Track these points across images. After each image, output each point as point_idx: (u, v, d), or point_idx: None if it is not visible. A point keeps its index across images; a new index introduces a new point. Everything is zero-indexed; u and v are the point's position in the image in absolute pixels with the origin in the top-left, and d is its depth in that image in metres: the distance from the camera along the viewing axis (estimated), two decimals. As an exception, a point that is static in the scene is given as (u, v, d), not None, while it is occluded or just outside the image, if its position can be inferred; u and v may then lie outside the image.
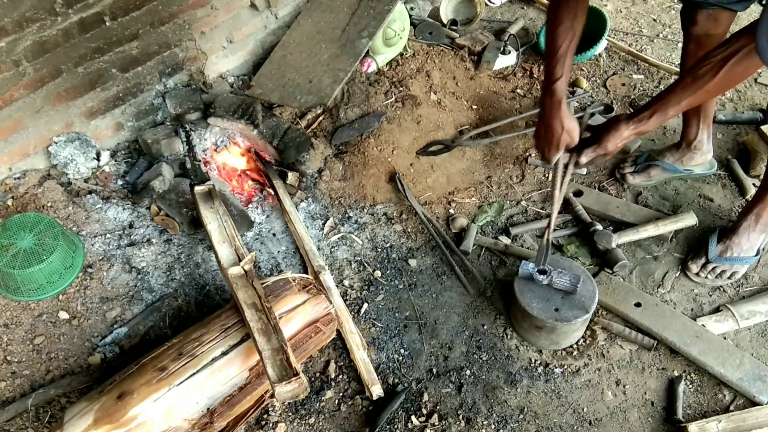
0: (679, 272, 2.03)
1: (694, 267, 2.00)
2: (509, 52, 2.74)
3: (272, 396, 1.46)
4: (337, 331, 1.90)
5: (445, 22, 2.93)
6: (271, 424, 1.76)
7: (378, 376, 1.82)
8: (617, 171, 2.31)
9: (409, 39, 2.73)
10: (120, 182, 2.32)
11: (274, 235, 2.23)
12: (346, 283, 2.09)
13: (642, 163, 2.26)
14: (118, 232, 2.18)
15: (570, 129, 1.63)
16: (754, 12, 2.05)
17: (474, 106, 2.61)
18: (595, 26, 2.68)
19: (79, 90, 2.20)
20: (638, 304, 1.91)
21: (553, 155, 1.66)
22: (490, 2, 3.07)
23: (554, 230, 2.16)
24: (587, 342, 1.89)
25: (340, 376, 1.86)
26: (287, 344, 1.52)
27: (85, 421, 1.48)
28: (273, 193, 2.30)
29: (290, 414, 1.79)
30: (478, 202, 2.30)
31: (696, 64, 1.47)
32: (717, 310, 1.93)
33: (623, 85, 2.64)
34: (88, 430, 1.47)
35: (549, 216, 1.77)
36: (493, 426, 1.75)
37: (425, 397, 1.81)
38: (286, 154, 2.32)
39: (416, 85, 2.57)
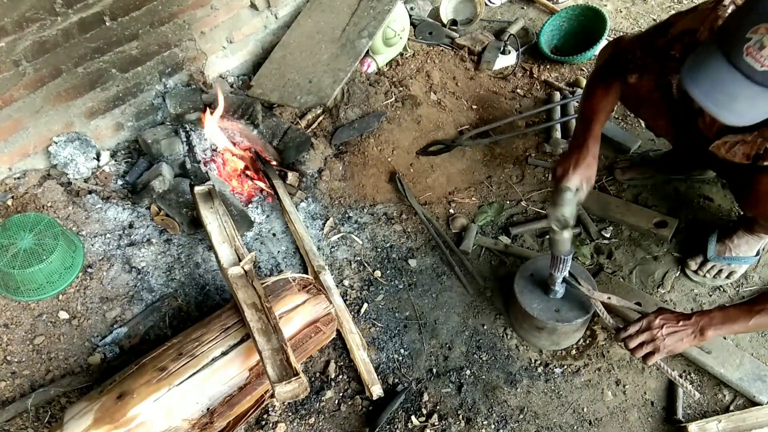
0: (679, 272, 2.03)
1: (693, 264, 2.00)
2: (509, 52, 2.74)
3: (272, 396, 1.46)
4: (337, 331, 1.90)
5: (445, 22, 2.93)
6: (271, 424, 1.76)
7: (378, 376, 1.82)
8: (613, 165, 2.31)
9: (409, 39, 2.73)
10: (120, 182, 2.32)
11: (274, 235, 2.23)
12: (346, 283, 2.09)
13: (638, 162, 2.27)
14: (118, 232, 2.18)
15: (593, 170, 1.65)
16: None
17: (474, 106, 2.61)
18: (595, 26, 2.68)
19: (79, 90, 2.20)
20: (638, 304, 1.90)
21: (572, 176, 1.62)
22: (490, 2, 3.07)
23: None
24: (587, 342, 1.89)
25: (340, 376, 1.86)
26: (287, 344, 1.52)
27: (85, 421, 1.48)
28: (273, 193, 2.30)
29: (290, 414, 1.79)
30: (478, 202, 2.30)
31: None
32: (717, 310, 1.93)
33: (623, 85, 2.65)
34: (88, 430, 1.47)
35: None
36: (493, 426, 1.75)
37: (425, 397, 1.81)
38: (286, 154, 2.32)
39: (416, 85, 2.57)
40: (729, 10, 1.37)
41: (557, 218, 1.59)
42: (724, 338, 1.84)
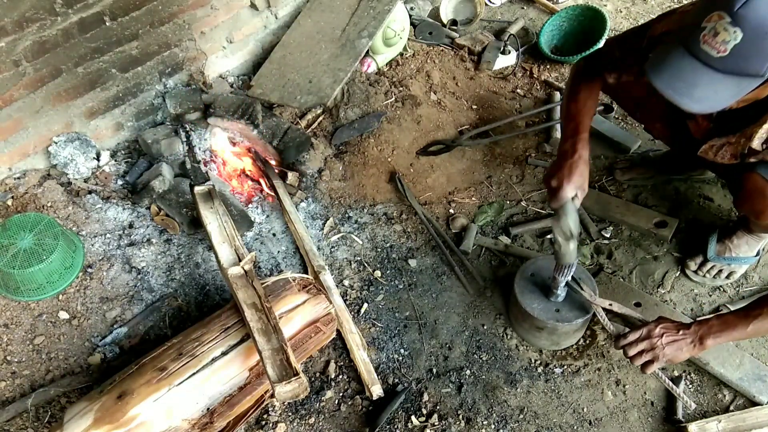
0: (678, 272, 2.03)
1: (693, 264, 2.00)
2: (509, 52, 2.74)
3: (272, 396, 1.46)
4: (337, 331, 1.90)
5: (445, 22, 2.93)
6: (271, 424, 1.76)
7: (378, 376, 1.82)
8: (613, 165, 2.31)
9: (409, 39, 2.73)
10: (120, 182, 2.32)
11: (274, 235, 2.23)
12: (346, 283, 2.09)
13: (638, 162, 2.27)
14: (118, 232, 2.18)
15: (586, 176, 1.63)
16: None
17: (474, 106, 2.61)
18: (595, 26, 2.68)
19: (79, 90, 2.20)
20: (638, 304, 1.91)
21: (567, 187, 1.58)
22: (490, 2, 3.07)
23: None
24: (587, 342, 1.89)
25: (340, 376, 1.86)
26: (287, 344, 1.52)
27: (85, 421, 1.48)
28: (273, 193, 2.30)
29: (290, 414, 1.79)
30: (478, 202, 2.30)
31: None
32: (717, 310, 1.93)
33: (623, 85, 2.64)
34: (88, 430, 1.47)
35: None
36: (493, 426, 1.75)
37: (425, 397, 1.81)
38: (286, 154, 2.32)
39: (416, 85, 2.57)
40: None
41: (562, 230, 1.59)
42: (724, 338, 1.84)
